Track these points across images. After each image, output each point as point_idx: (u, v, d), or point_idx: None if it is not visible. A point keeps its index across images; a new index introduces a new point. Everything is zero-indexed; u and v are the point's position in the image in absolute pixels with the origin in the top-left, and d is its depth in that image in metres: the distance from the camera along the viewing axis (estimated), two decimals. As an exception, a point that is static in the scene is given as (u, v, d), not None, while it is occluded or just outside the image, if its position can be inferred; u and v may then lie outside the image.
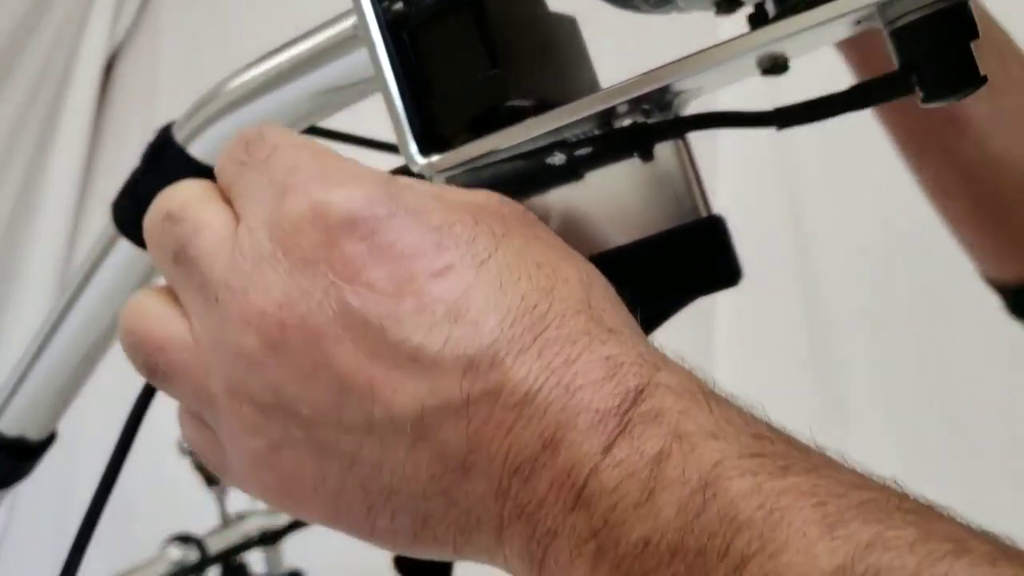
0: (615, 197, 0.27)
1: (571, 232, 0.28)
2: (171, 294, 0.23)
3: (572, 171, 0.27)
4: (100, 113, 1.65)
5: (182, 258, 0.22)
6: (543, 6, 0.31)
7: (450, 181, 0.27)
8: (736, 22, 0.30)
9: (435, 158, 0.28)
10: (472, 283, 0.20)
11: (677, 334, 0.29)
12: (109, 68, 1.65)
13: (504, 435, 0.19)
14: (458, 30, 0.28)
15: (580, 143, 0.27)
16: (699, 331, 0.96)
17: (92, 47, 1.61)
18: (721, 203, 0.28)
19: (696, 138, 0.28)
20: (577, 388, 0.19)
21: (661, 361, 0.20)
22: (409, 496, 0.20)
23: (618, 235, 0.27)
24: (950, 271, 0.89)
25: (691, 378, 0.20)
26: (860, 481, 0.19)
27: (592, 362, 0.19)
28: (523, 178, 0.27)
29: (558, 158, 0.27)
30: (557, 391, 0.19)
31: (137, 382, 0.27)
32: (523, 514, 0.19)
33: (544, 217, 0.28)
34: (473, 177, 0.28)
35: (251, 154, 0.22)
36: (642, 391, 0.19)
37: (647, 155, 0.27)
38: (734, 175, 0.94)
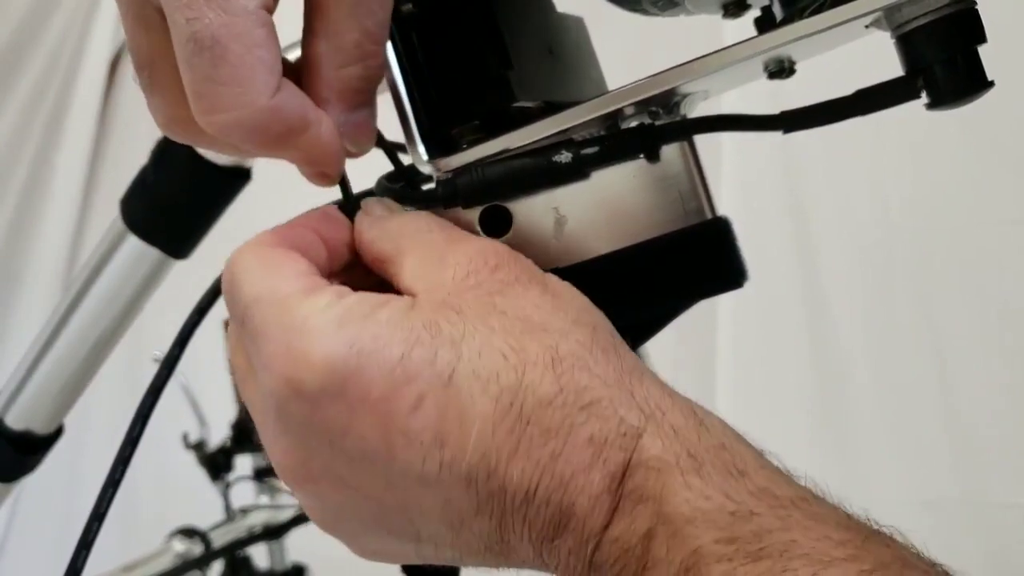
0: (621, 199, 0.27)
1: (577, 235, 0.28)
2: None
3: (578, 170, 0.27)
4: (105, 111, 1.65)
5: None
6: (551, 7, 0.31)
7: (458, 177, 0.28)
8: (737, 25, 0.30)
9: (442, 160, 0.28)
10: (446, 404, 0.21)
11: (680, 335, 0.30)
12: (114, 66, 1.65)
13: (522, 523, 0.21)
14: (466, 31, 0.28)
15: (587, 142, 0.27)
16: (701, 331, 0.96)
17: (97, 45, 1.62)
18: (724, 204, 0.28)
19: (699, 139, 0.28)
20: (569, 478, 0.21)
21: (644, 418, 0.21)
22: (474, 546, 0.23)
23: (624, 237, 0.27)
24: (951, 272, 0.90)
25: (675, 437, 0.21)
26: (844, 537, 0.19)
27: (576, 448, 0.21)
28: (530, 176, 0.28)
29: (564, 156, 0.27)
30: (552, 484, 0.21)
31: (139, 380, 0.27)
32: (557, 563, 0.21)
33: (550, 219, 0.28)
34: (480, 176, 0.28)
35: (232, 313, 0.25)
36: (627, 465, 0.20)
37: (653, 156, 0.27)
38: (737, 176, 0.94)
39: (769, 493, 0.20)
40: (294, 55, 0.26)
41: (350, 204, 0.28)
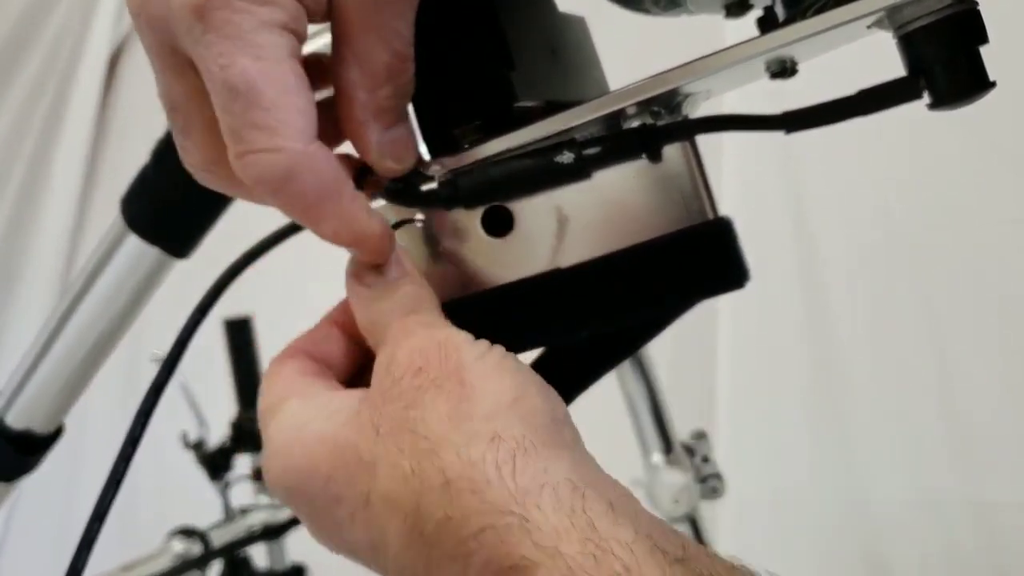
0: (623, 199, 0.27)
1: (579, 234, 0.28)
2: None
3: (580, 170, 0.27)
4: (104, 108, 1.65)
5: None
6: (553, 7, 0.31)
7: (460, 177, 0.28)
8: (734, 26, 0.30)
9: (444, 159, 0.28)
10: (369, 522, 0.24)
11: (680, 335, 0.30)
12: (113, 63, 1.65)
13: None
14: (469, 30, 0.28)
15: (589, 142, 0.27)
16: (701, 331, 0.96)
17: (96, 42, 1.61)
18: (725, 204, 0.28)
19: (700, 139, 0.28)
20: None
21: (537, 551, 0.20)
22: None
23: (626, 237, 0.27)
24: (951, 271, 0.90)
25: (569, 573, 0.20)
26: None
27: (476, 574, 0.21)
28: (532, 176, 0.28)
29: (567, 156, 0.27)
30: None
31: (137, 380, 0.27)
32: None
33: (552, 219, 0.28)
34: (482, 176, 0.28)
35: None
36: None
37: (656, 156, 0.27)
38: (738, 176, 0.94)
39: None
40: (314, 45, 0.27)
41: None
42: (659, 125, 0.27)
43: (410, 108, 0.28)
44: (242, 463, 0.97)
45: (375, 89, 0.26)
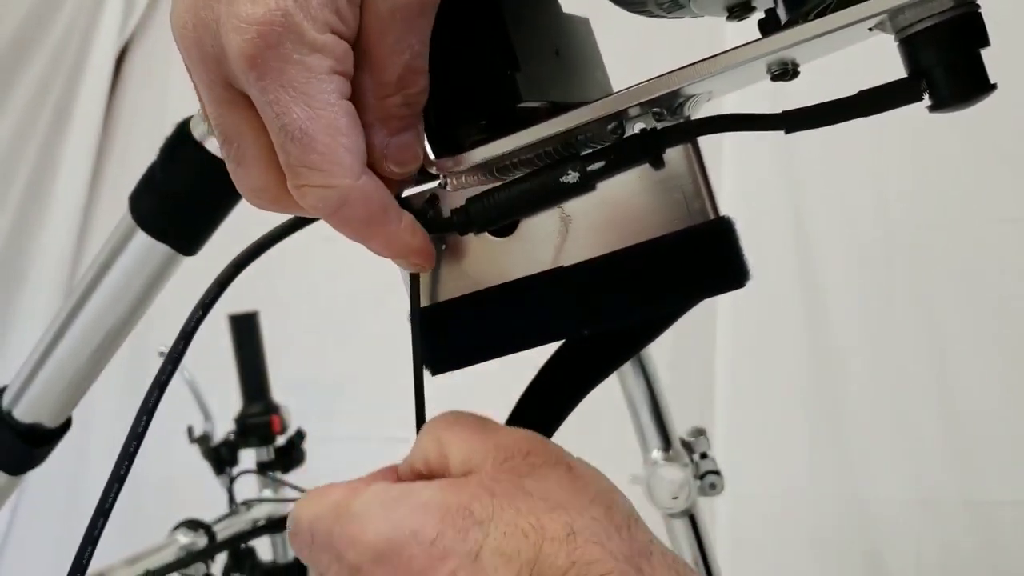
0: (626, 199, 0.28)
1: (582, 234, 0.28)
2: None
3: (585, 185, 0.28)
4: (111, 105, 1.65)
5: None
6: (558, 8, 0.32)
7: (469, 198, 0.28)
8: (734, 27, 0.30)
9: (449, 159, 0.29)
10: None
11: (679, 334, 0.30)
12: (120, 60, 1.65)
13: None
14: (474, 31, 0.28)
15: (592, 156, 0.27)
16: (700, 331, 0.96)
17: (104, 39, 1.61)
18: (724, 203, 0.28)
19: (700, 139, 0.28)
20: None
21: None
22: None
23: (629, 236, 0.28)
24: (949, 270, 0.90)
25: None
26: None
27: None
28: (539, 198, 0.28)
29: (572, 176, 0.27)
30: None
31: (140, 375, 0.27)
32: None
33: (555, 219, 0.28)
34: (491, 202, 0.28)
35: (306, 547, 0.28)
36: None
37: (658, 163, 0.27)
38: (737, 175, 0.94)
39: None
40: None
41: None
42: (661, 128, 0.27)
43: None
44: (247, 457, 0.98)
45: (384, 97, 0.27)
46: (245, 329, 0.99)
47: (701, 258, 0.27)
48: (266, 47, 0.24)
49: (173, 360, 0.33)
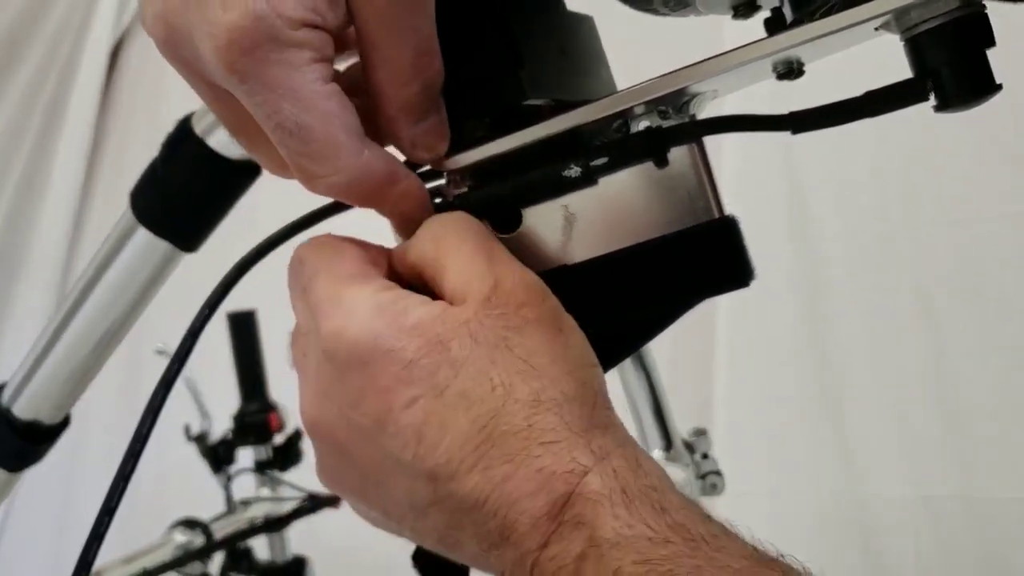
0: (630, 198, 0.28)
1: (586, 232, 0.28)
2: None
3: (588, 179, 0.27)
4: (105, 100, 1.65)
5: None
6: (563, 6, 0.32)
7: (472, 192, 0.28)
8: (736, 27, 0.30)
9: (454, 156, 0.29)
10: (433, 410, 0.25)
11: (679, 333, 0.30)
12: (115, 55, 1.64)
13: (470, 525, 0.25)
14: (479, 29, 0.28)
15: (596, 151, 0.27)
16: (700, 329, 0.96)
17: (98, 34, 1.61)
18: (724, 202, 0.28)
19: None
20: (515, 500, 0.24)
21: (594, 460, 0.24)
22: (430, 532, 0.26)
23: (633, 235, 0.28)
24: (950, 267, 0.90)
25: (614, 476, 0.24)
26: (743, 565, 0.22)
27: (527, 476, 0.24)
28: (541, 189, 0.28)
29: (574, 171, 0.27)
30: (500, 501, 0.24)
31: (135, 374, 0.27)
32: (503, 570, 0.25)
33: (559, 217, 0.28)
34: (493, 191, 0.28)
35: (297, 282, 0.28)
36: (569, 498, 0.23)
37: (662, 162, 0.27)
38: (738, 174, 0.94)
39: (684, 528, 0.23)
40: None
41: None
42: (665, 128, 0.27)
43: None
44: (244, 456, 0.97)
45: (403, 87, 0.27)
46: (243, 327, 0.99)
47: (706, 257, 0.27)
48: (242, 53, 0.24)
49: (178, 361, 0.33)
